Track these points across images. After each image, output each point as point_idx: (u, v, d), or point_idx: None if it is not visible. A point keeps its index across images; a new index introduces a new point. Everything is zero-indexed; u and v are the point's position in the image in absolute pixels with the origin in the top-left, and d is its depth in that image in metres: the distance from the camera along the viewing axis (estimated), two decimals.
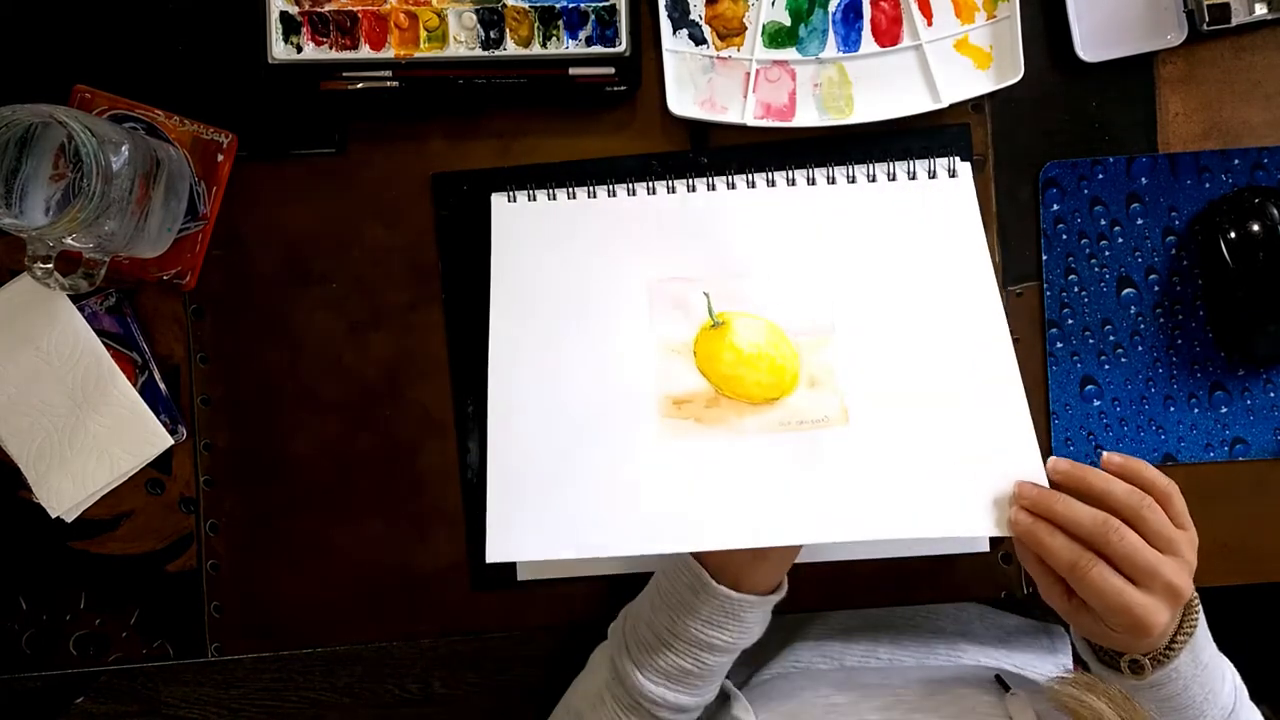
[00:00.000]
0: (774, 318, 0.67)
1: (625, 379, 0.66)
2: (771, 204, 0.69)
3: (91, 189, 0.58)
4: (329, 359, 0.71)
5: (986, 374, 0.65)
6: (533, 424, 0.65)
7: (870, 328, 0.66)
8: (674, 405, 0.65)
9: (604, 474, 0.64)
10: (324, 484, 0.71)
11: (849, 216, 0.69)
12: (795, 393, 0.65)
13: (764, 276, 0.68)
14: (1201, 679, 0.57)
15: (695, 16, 0.69)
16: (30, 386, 0.70)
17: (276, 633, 0.72)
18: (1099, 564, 0.52)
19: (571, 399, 0.66)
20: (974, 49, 0.70)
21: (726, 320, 0.67)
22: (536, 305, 0.68)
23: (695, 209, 0.69)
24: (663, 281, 0.68)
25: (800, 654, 0.70)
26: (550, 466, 0.64)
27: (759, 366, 0.66)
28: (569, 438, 0.65)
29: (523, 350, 0.67)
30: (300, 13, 0.67)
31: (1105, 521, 0.53)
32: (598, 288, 0.68)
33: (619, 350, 0.67)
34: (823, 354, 0.66)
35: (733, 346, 0.66)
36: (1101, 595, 0.52)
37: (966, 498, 0.60)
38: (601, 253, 0.69)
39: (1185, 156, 0.70)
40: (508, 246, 0.69)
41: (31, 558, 0.72)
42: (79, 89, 0.69)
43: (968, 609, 0.74)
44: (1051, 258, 0.71)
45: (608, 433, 0.65)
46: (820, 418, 0.64)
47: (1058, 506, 0.54)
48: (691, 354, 0.67)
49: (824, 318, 0.67)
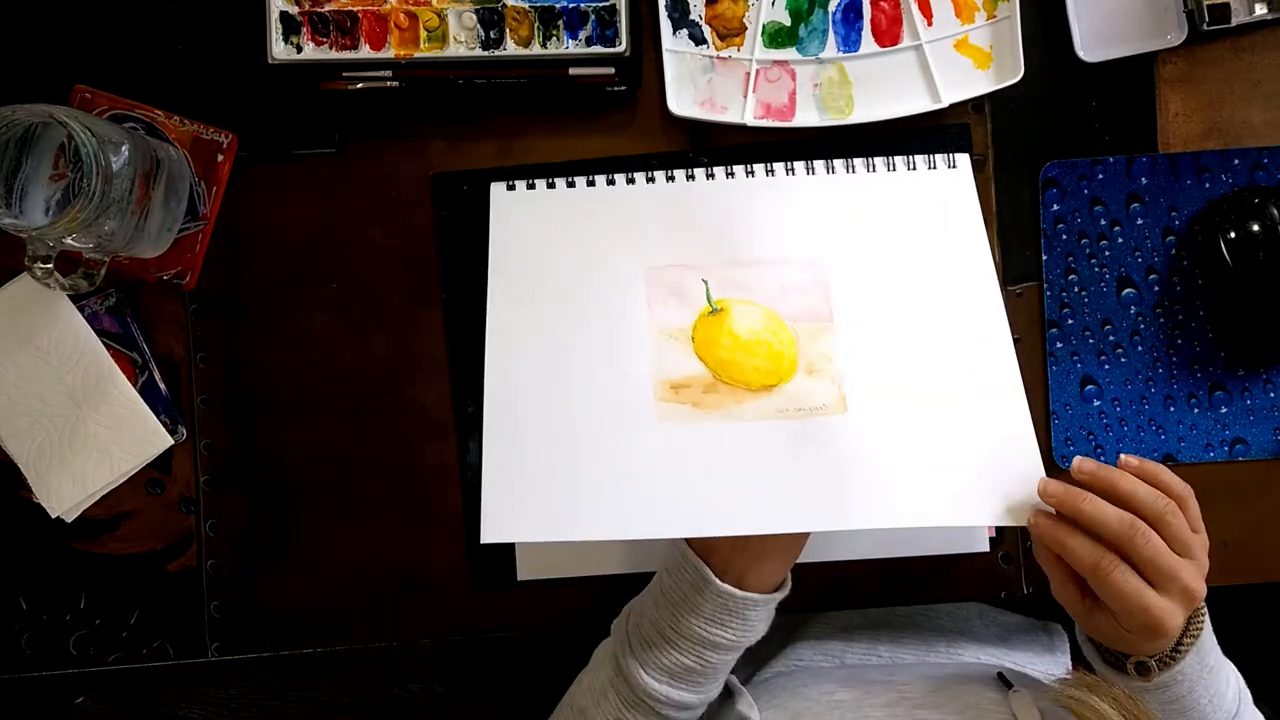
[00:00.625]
0: (772, 305, 0.67)
1: (623, 363, 0.66)
2: (771, 192, 0.69)
3: (91, 189, 0.58)
4: (329, 359, 0.71)
5: (985, 367, 0.65)
6: (529, 408, 0.65)
7: (868, 317, 0.66)
8: (671, 390, 0.65)
9: (600, 458, 0.63)
10: (324, 484, 0.71)
11: (849, 205, 0.69)
12: (793, 380, 0.65)
13: (762, 264, 0.68)
14: (1206, 681, 0.57)
15: (695, 16, 0.69)
16: (30, 386, 0.70)
17: (276, 633, 0.72)
18: (1121, 565, 0.52)
19: (568, 383, 0.65)
20: (974, 49, 0.70)
21: (725, 306, 0.67)
22: (534, 290, 0.68)
23: (694, 197, 0.69)
24: (660, 269, 0.68)
25: (802, 652, 0.70)
26: (546, 450, 0.64)
27: (757, 352, 0.66)
28: (565, 422, 0.64)
29: (519, 335, 0.67)
30: (300, 13, 0.67)
31: (1133, 524, 0.52)
32: (595, 273, 0.68)
33: (616, 335, 0.66)
34: (821, 342, 0.66)
35: (731, 332, 0.66)
36: (1123, 597, 0.52)
37: (962, 489, 0.61)
38: (599, 239, 0.68)
39: (1185, 156, 0.70)
40: (505, 232, 0.69)
41: (31, 558, 0.72)
42: (79, 89, 0.69)
43: (966, 608, 0.74)
44: (1051, 258, 0.71)
45: (605, 417, 0.64)
46: (818, 405, 0.64)
47: (1085, 506, 0.54)
48: (689, 340, 0.67)
49: (822, 306, 0.67)
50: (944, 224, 0.68)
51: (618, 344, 0.66)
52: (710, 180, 0.69)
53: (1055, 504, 0.55)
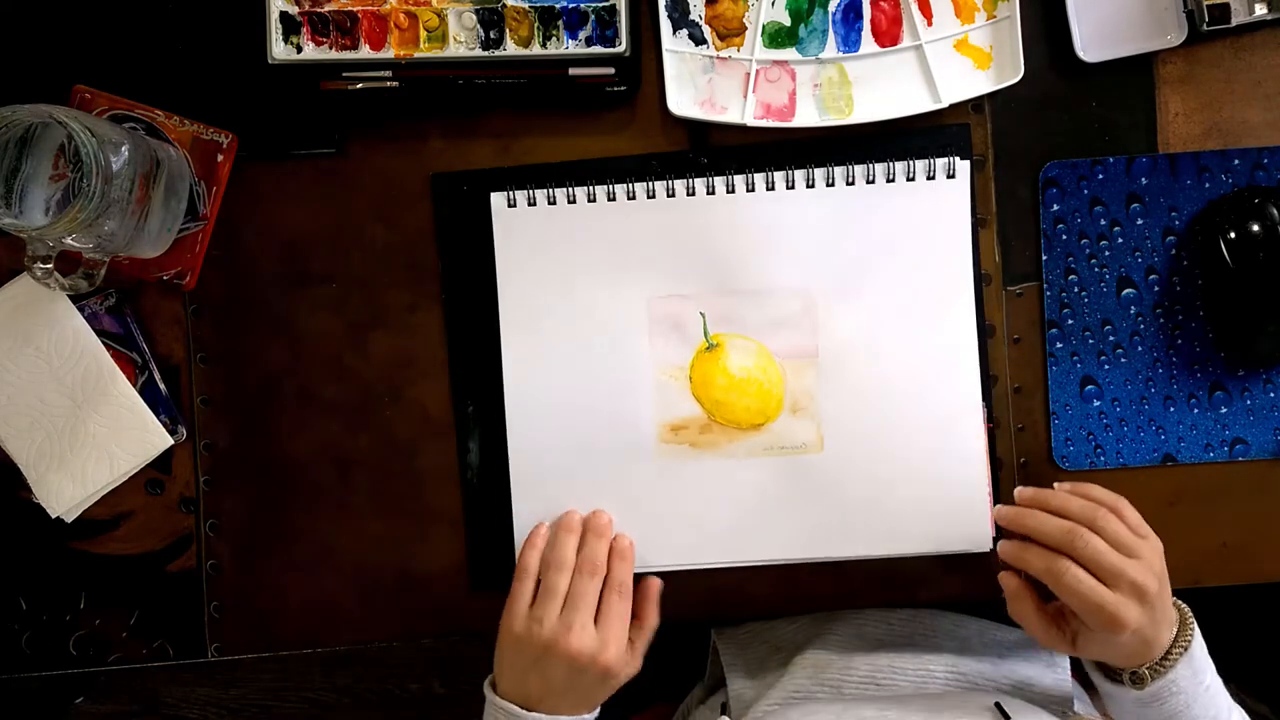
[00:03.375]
0: (763, 339, 0.70)
1: (627, 407, 0.70)
2: (767, 209, 0.69)
3: (91, 189, 0.58)
4: (329, 359, 0.71)
5: (952, 404, 0.69)
6: (546, 443, 0.70)
7: (850, 351, 0.70)
8: (671, 431, 0.70)
9: (608, 497, 0.70)
10: (324, 484, 0.71)
11: (842, 226, 0.69)
12: (779, 418, 0.70)
13: (756, 294, 0.70)
14: (1204, 701, 0.62)
15: (695, 16, 0.69)
16: (30, 386, 0.70)
17: (276, 633, 0.72)
18: (1073, 566, 0.59)
19: (579, 426, 0.70)
20: (974, 49, 0.70)
21: (720, 342, 0.70)
22: (542, 322, 0.70)
23: (694, 218, 0.70)
24: (662, 299, 0.70)
25: (800, 682, 0.70)
26: (563, 488, 0.70)
27: (748, 391, 0.70)
28: (578, 462, 0.70)
29: (533, 368, 0.70)
30: (300, 13, 0.67)
31: (1072, 529, 0.60)
32: (600, 306, 0.70)
33: (621, 376, 0.70)
34: (805, 378, 0.70)
35: (725, 371, 0.70)
36: (1078, 595, 0.59)
37: (925, 522, 0.69)
38: (603, 266, 0.70)
39: (1185, 156, 0.70)
40: (511, 256, 0.70)
41: (31, 558, 0.72)
42: (79, 89, 0.69)
43: (966, 625, 0.74)
44: (1051, 258, 0.71)
45: (612, 458, 0.70)
46: (799, 444, 0.70)
47: (1030, 521, 0.63)
48: (687, 379, 0.70)
49: (809, 341, 0.70)
50: (933, 246, 0.69)
51: (623, 386, 0.70)
52: (710, 196, 0.69)
53: (1007, 524, 0.64)
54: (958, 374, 0.69)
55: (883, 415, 0.69)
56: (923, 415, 0.69)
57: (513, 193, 0.70)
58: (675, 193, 0.69)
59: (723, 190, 0.69)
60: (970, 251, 0.69)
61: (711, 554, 0.70)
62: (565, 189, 0.70)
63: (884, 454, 0.69)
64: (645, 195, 0.69)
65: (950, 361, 0.69)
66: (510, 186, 0.70)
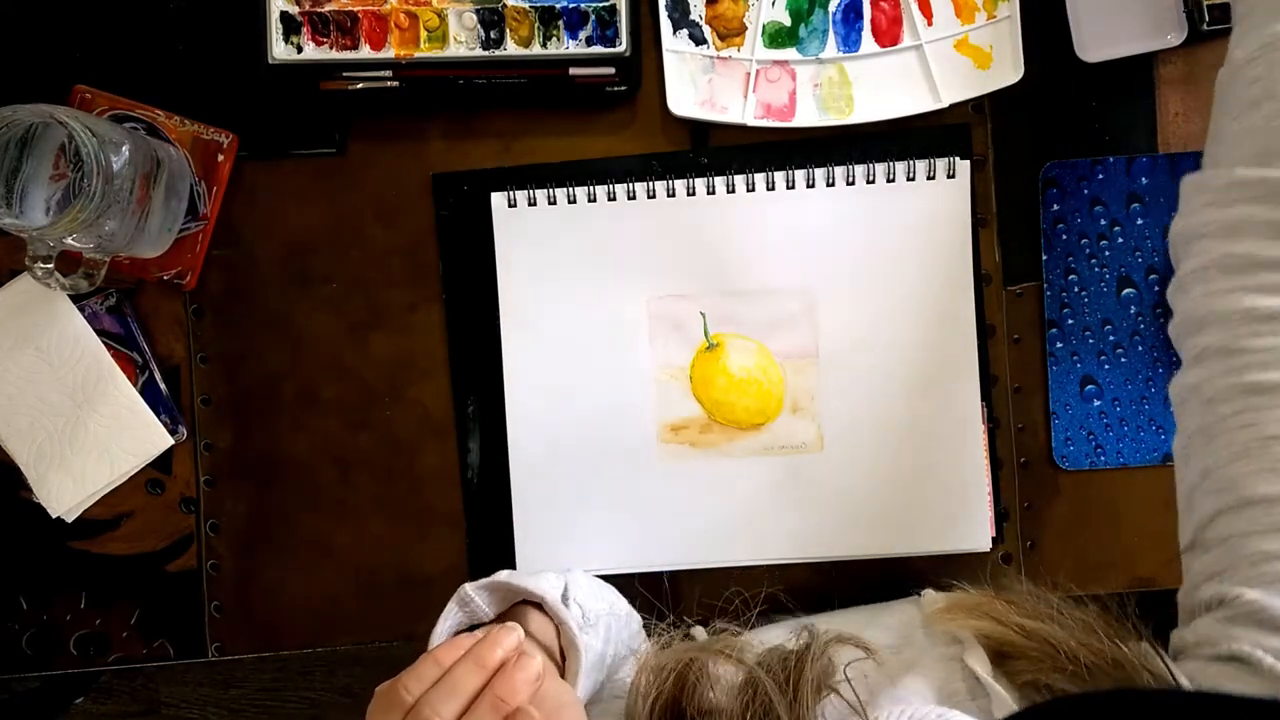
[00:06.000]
0: (763, 339, 0.70)
1: (628, 408, 0.70)
2: (768, 210, 0.69)
3: (91, 189, 0.58)
4: (329, 359, 0.71)
5: (953, 407, 0.70)
6: (547, 443, 0.70)
7: (851, 351, 0.70)
8: (672, 431, 0.70)
9: (611, 498, 0.70)
10: (324, 484, 0.71)
11: (843, 226, 0.70)
12: (779, 418, 0.70)
13: (756, 294, 0.70)
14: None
15: (695, 16, 0.69)
16: (30, 386, 0.70)
17: (276, 633, 0.72)
18: None
19: (580, 425, 0.70)
20: (974, 49, 0.70)
21: (720, 342, 0.70)
22: (542, 322, 0.70)
23: (694, 217, 0.70)
24: (662, 299, 0.70)
25: None
26: (565, 491, 0.70)
27: (748, 392, 0.70)
28: (579, 462, 0.70)
29: (534, 370, 0.70)
30: (300, 13, 0.67)
31: None
32: (601, 306, 0.70)
33: (621, 376, 0.70)
34: (805, 378, 0.70)
35: (725, 370, 0.70)
36: None
37: (922, 523, 0.70)
38: (603, 266, 0.70)
39: (1185, 156, 0.70)
40: (511, 256, 0.70)
41: (31, 558, 0.72)
42: (79, 89, 0.69)
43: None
44: (1051, 258, 0.71)
45: (614, 459, 0.70)
46: (798, 444, 0.70)
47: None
48: (688, 379, 0.70)
49: (809, 341, 0.70)
50: (933, 246, 0.70)
51: (624, 387, 0.70)
52: (710, 196, 0.69)
53: None
54: (958, 374, 0.70)
55: (883, 415, 0.69)
56: (923, 415, 0.69)
57: (513, 193, 0.70)
58: (675, 193, 0.69)
59: (723, 190, 0.69)
60: (970, 251, 0.69)
61: (711, 554, 0.70)
62: (566, 189, 0.70)
63: (884, 454, 0.69)
64: (646, 195, 0.69)
65: (950, 361, 0.69)
66: (511, 186, 0.70)
